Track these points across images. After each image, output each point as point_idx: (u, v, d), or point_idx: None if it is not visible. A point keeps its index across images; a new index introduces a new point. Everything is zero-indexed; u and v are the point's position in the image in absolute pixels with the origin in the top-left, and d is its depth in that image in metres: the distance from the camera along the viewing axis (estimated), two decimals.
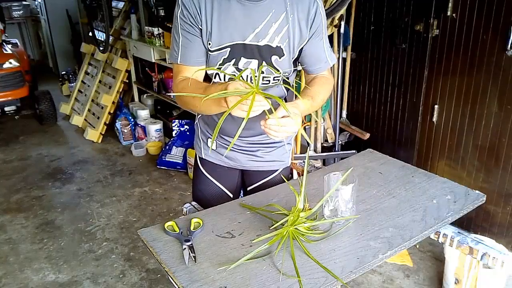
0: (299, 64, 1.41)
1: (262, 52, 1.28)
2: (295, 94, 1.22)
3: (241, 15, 1.25)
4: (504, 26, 2.15)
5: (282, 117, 1.09)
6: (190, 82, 1.30)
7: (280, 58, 1.30)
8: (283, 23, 1.26)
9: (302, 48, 1.33)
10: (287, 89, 1.42)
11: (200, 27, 1.27)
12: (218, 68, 1.31)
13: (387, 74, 2.84)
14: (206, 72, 1.36)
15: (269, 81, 1.33)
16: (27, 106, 4.68)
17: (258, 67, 1.30)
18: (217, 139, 1.49)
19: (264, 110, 1.09)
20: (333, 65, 2.89)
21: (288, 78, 1.39)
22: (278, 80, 1.35)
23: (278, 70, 1.31)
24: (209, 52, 1.29)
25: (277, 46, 1.28)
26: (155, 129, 4.04)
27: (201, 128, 1.54)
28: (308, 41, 1.32)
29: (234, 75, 1.31)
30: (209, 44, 1.28)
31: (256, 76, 1.20)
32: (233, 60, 1.29)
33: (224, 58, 1.29)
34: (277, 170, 1.55)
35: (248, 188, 1.59)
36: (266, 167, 1.53)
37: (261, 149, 1.48)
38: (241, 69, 1.30)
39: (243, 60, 1.29)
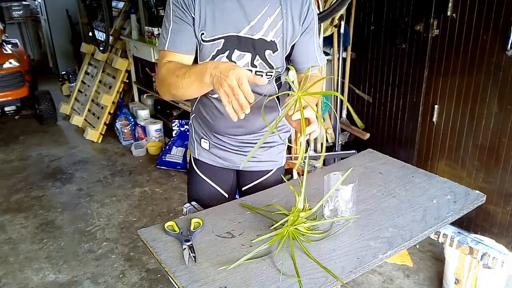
0: (291, 62, 1.41)
1: (256, 46, 1.28)
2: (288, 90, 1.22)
3: (236, 7, 1.25)
4: (504, 26, 2.15)
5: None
6: (173, 64, 1.25)
7: (273, 53, 1.30)
8: (277, 18, 1.27)
9: (293, 45, 1.33)
10: (279, 87, 1.42)
11: (193, 16, 1.26)
12: (211, 60, 1.30)
13: (387, 74, 2.84)
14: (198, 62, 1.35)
15: (261, 75, 1.33)
16: (27, 106, 4.68)
17: (251, 61, 1.30)
18: (210, 138, 1.48)
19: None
20: (333, 65, 2.91)
21: (280, 76, 1.39)
22: (271, 76, 1.35)
23: (272, 66, 1.32)
24: (203, 43, 1.28)
25: (271, 40, 1.28)
26: (155, 129, 4.04)
27: (195, 128, 1.53)
28: (299, 37, 1.32)
29: None
30: (203, 34, 1.27)
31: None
32: (227, 52, 1.28)
33: (218, 50, 1.28)
34: (271, 170, 1.54)
35: (243, 188, 1.58)
36: (260, 167, 1.52)
37: None
38: (234, 62, 1.30)
39: (236, 53, 1.29)
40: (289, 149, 2.61)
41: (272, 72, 1.33)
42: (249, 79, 1.01)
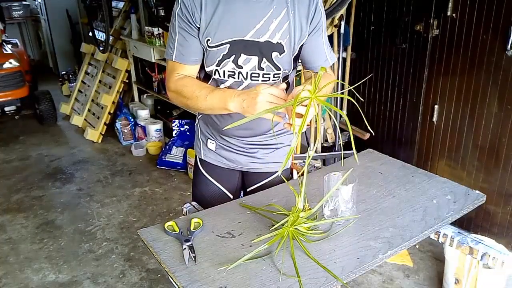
0: (299, 62, 1.41)
1: (262, 49, 1.27)
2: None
3: (242, 11, 1.24)
4: (504, 26, 2.15)
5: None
6: (190, 81, 1.30)
7: (280, 54, 1.29)
8: (284, 19, 1.26)
9: (302, 45, 1.33)
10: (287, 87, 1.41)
11: (198, 26, 1.26)
12: (217, 65, 1.30)
13: (387, 74, 2.84)
14: (205, 69, 1.35)
15: (269, 78, 1.32)
16: (27, 106, 4.68)
17: (258, 64, 1.30)
18: (217, 139, 1.49)
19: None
20: (333, 65, 2.90)
21: (288, 76, 1.39)
22: (279, 77, 1.35)
23: (279, 67, 1.31)
24: (208, 48, 1.29)
25: (277, 42, 1.28)
26: (155, 129, 4.03)
27: (201, 129, 1.54)
28: (308, 37, 1.32)
29: (234, 71, 1.31)
30: (208, 40, 1.27)
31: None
32: (233, 57, 1.28)
33: (224, 55, 1.28)
34: (277, 172, 1.54)
35: (248, 189, 1.58)
36: (266, 169, 1.52)
37: (261, 151, 1.48)
38: (241, 66, 1.30)
39: (243, 57, 1.28)
40: None
41: (280, 73, 1.32)
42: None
